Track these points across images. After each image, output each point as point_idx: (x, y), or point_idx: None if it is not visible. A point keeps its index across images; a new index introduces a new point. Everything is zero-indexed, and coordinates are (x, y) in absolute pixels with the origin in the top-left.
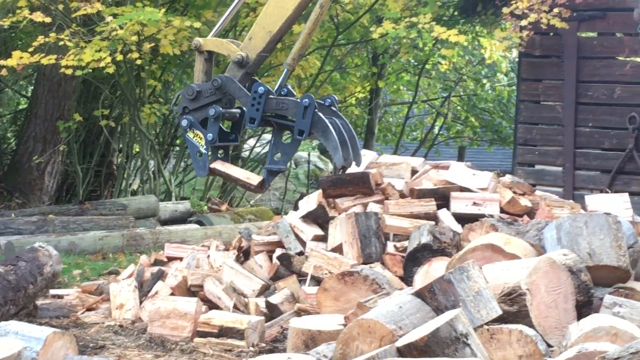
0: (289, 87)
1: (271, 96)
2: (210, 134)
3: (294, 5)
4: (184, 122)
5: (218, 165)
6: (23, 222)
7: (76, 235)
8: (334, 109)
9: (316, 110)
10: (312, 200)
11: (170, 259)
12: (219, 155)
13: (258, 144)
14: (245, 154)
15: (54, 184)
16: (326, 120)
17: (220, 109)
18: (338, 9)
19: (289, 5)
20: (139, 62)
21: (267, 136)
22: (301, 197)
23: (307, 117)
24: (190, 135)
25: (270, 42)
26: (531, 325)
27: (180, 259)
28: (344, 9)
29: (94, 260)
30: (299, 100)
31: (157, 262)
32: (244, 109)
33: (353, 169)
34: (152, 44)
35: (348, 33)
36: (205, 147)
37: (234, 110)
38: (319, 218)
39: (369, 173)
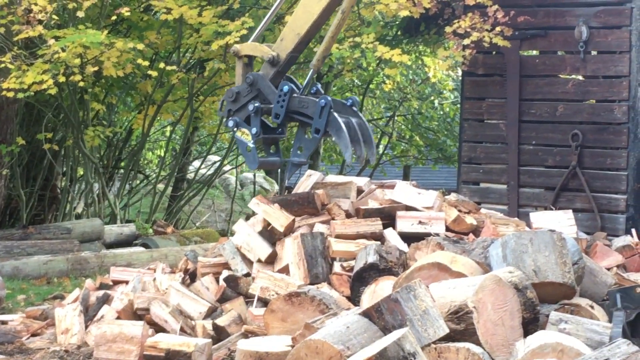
0: (319, 86)
1: (295, 95)
2: (254, 128)
3: (319, 10)
4: (230, 123)
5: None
6: None
7: (20, 260)
8: (354, 109)
9: (332, 110)
10: (258, 222)
11: (116, 282)
12: (271, 151)
13: (203, 166)
14: (190, 175)
15: None
16: (340, 120)
17: (259, 103)
18: (280, 30)
19: (315, 10)
20: (81, 84)
21: (213, 157)
22: (247, 219)
23: (323, 117)
24: (238, 134)
25: (299, 44)
26: (478, 343)
27: (126, 282)
28: None
29: (38, 285)
30: (317, 100)
31: (102, 286)
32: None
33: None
34: (96, 67)
35: None
36: (252, 141)
37: (272, 105)
38: (265, 239)
39: (315, 193)
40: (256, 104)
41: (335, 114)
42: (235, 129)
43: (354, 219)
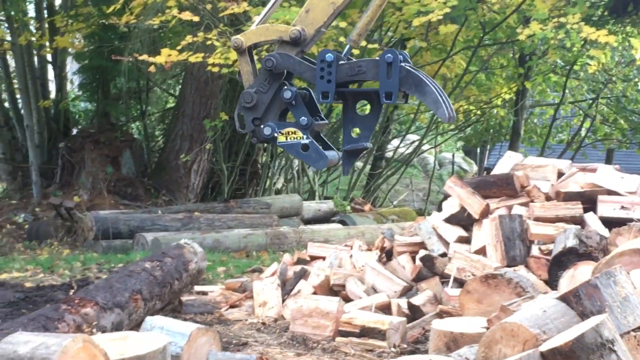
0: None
1: (342, 62)
2: (304, 117)
3: None
4: (267, 131)
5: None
6: (169, 219)
7: (221, 233)
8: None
9: (402, 64)
10: (455, 202)
11: (313, 258)
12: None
13: (402, 145)
14: (389, 154)
15: (200, 181)
16: (417, 73)
17: (295, 88)
18: (485, 9)
19: None
20: None
21: (412, 137)
22: (445, 199)
23: (394, 75)
24: (281, 139)
25: (332, 16)
26: None
27: (323, 258)
28: (491, 9)
29: (237, 257)
30: (377, 58)
31: (300, 261)
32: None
33: (497, 169)
34: None
35: (494, 33)
36: (305, 136)
37: (301, 90)
38: (462, 220)
39: (514, 175)
40: (292, 89)
41: (408, 67)
42: (275, 134)
43: (554, 202)
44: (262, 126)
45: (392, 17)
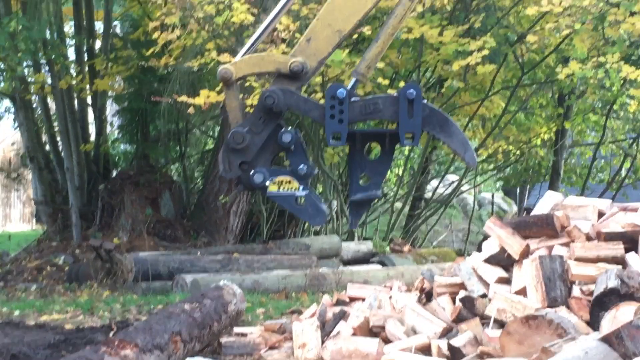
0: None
1: (354, 99)
2: (302, 165)
3: None
4: (259, 178)
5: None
6: (208, 261)
7: (260, 274)
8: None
9: (425, 101)
10: (495, 243)
11: (353, 299)
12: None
13: (441, 185)
14: (428, 194)
15: (239, 223)
16: (442, 112)
17: (295, 131)
18: (523, 49)
19: None
20: (322, 102)
21: (451, 177)
22: (484, 239)
23: (416, 114)
24: (273, 189)
25: (337, 45)
26: None
27: (363, 299)
28: (529, 49)
29: (277, 299)
30: (396, 94)
31: (339, 302)
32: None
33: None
34: None
35: (533, 73)
36: (302, 187)
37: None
38: (502, 261)
39: (554, 215)
40: (292, 132)
41: (431, 104)
42: (267, 183)
43: (595, 242)
44: (251, 172)
45: (430, 57)
